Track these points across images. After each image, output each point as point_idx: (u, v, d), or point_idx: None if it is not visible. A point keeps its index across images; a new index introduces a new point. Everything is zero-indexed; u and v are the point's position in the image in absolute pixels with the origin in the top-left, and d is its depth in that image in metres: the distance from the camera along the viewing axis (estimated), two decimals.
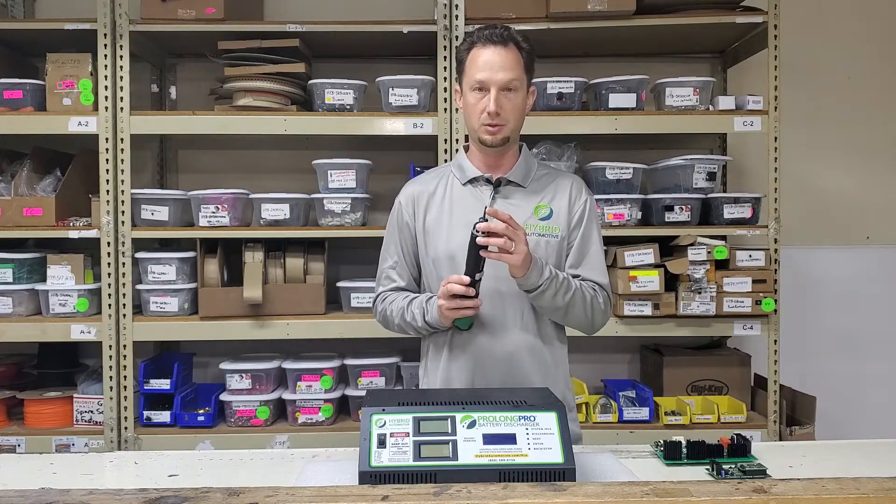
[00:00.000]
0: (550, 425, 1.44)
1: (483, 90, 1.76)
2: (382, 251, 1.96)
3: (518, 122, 1.83)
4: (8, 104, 2.89)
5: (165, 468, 1.64)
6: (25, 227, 2.86)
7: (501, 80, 1.75)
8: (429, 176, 1.97)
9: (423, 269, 1.90)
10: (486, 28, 1.80)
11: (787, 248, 3.09)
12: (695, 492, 1.14)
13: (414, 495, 1.16)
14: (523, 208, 1.84)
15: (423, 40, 2.94)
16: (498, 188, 1.85)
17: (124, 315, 2.86)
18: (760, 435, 2.85)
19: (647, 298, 2.83)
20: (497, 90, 1.75)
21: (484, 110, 1.76)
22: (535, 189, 1.87)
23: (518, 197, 1.86)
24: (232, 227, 2.89)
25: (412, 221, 1.90)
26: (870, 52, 3.41)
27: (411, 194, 1.92)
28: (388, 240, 1.95)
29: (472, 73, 1.77)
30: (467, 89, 1.80)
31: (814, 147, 3.40)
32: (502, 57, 1.76)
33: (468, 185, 1.87)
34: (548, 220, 1.84)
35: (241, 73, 2.89)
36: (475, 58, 1.77)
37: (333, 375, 2.92)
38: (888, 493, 1.14)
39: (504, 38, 1.77)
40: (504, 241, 1.64)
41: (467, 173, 1.88)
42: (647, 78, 2.95)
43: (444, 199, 1.87)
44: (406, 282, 1.92)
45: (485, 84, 1.76)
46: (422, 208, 1.89)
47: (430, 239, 1.86)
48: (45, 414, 2.92)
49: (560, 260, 1.85)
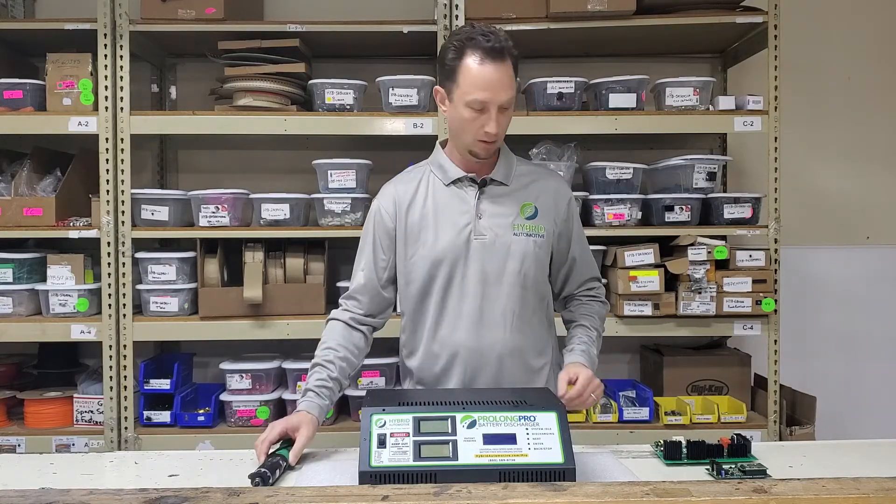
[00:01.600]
0: (550, 425, 1.44)
1: (482, 110, 1.70)
2: (357, 252, 1.92)
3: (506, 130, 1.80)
4: (8, 104, 2.89)
5: (165, 468, 1.64)
6: (25, 227, 2.86)
7: (503, 100, 1.69)
8: (408, 176, 1.91)
9: (403, 272, 1.86)
10: (479, 34, 1.68)
11: (787, 248, 3.09)
12: (695, 492, 1.14)
13: (414, 495, 1.16)
14: (509, 207, 1.83)
15: (423, 40, 2.94)
16: (483, 188, 1.83)
17: (124, 315, 2.86)
18: (760, 435, 2.85)
19: (647, 298, 2.83)
20: (497, 110, 1.70)
21: (482, 128, 1.71)
22: (519, 187, 1.86)
23: (503, 196, 1.84)
24: (232, 227, 2.89)
25: (391, 222, 1.85)
26: (870, 52, 3.41)
27: (392, 195, 1.87)
28: (363, 241, 1.91)
29: (470, 91, 1.68)
30: (460, 103, 1.71)
31: (814, 147, 3.40)
32: (502, 74, 1.68)
33: (451, 186, 1.84)
34: (533, 220, 1.84)
35: (241, 73, 2.88)
36: (471, 70, 1.68)
37: None
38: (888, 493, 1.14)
39: (502, 53, 1.68)
40: (589, 399, 1.69)
41: (450, 174, 1.84)
42: (647, 78, 2.95)
43: (426, 200, 1.83)
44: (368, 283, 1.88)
45: (485, 105, 1.69)
46: (403, 210, 1.84)
47: (413, 240, 1.83)
48: (45, 414, 2.91)
49: (545, 258, 1.86)
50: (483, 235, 1.80)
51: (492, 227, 1.81)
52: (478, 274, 1.80)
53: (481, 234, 1.80)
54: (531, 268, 1.82)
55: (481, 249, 1.80)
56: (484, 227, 1.80)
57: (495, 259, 1.80)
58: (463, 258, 1.80)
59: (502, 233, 1.81)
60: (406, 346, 1.93)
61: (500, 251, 1.80)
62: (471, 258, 1.80)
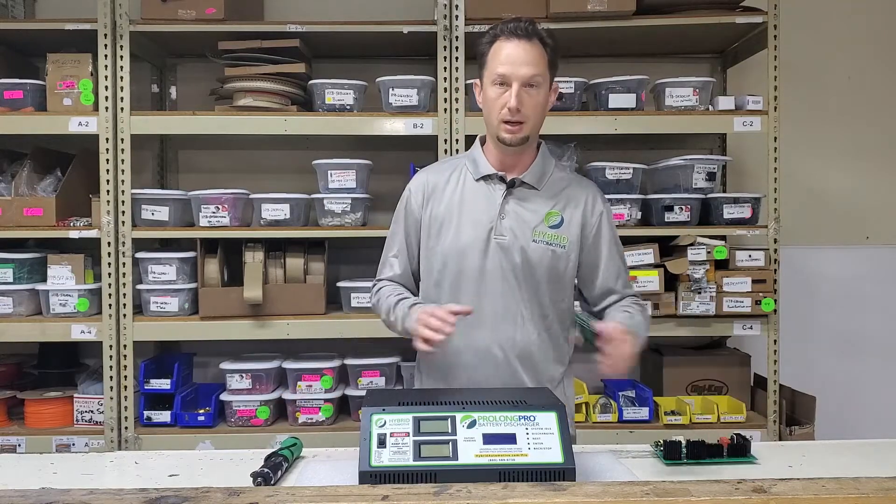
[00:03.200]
0: (550, 425, 1.44)
1: (504, 84, 1.72)
2: (388, 237, 1.94)
3: (538, 120, 1.78)
4: (8, 104, 2.89)
5: (165, 468, 1.64)
6: (26, 227, 2.86)
7: (524, 75, 1.71)
8: (443, 166, 1.94)
9: (423, 259, 1.87)
10: (510, 21, 1.75)
11: (787, 248, 3.09)
12: (695, 492, 1.15)
13: (414, 495, 1.16)
14: (535, 212, 1.81)
15: (423, 40, 2.94)
16: (511, 189, 1.82)
17: (124, 315, 2.86)
18: (760, 435, 2.85)
19: (646, 298, 2.83)
20: (519, 85, 1.71)
21: (504, 105, 1.72)
22: (549, 194, 1.83)
23: (531, 200, 1.82)
24: (232, 227, 2.89)
25: (419, 210, 1.87)
26: (870, 52, 3.41)
27: (422, 182, 1.89)
28: (395, 227, 1.93)
29: (494, 67, 1.73)
30: (488, 83, 1.75)
31: (814, 147, 3.40)
32: (526, 51, 1.71)
33: (481, 182, 1.84)
34: (557, 229, 1.81)
35: (241, 74, 2.89)
36: (497, 51, 1.73)
37: (333, 375, 2.92)
38: (888, 493, 1.14)
39: (528, 33, 1.72)
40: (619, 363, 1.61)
41: (481, 169, 1.84)
42: (647, 78, 2.95)
43: (455, 193, 1.84)
44: (404, 272, 1.90)
45: (507, 78, 1.71)
46: (431, 198, 1.86)
47: (436, 231, 1.83)
48: (46, 414, 2.92)
49: (562, 271, 1.82)
50: (503, 236, 1.79)
51: (512, 230, 1.79)
52: (493, 274, 1.78)
53: (501, 234, 1.79)
54: (544, 277, 1.79)
55: (499, 250, 1.79)
56: (505, 228, 1.79)
57: (511, 261, 1.78)
58: (481, 256, 1.79)
59: (521, 237, 1.79)
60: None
61: (516, 255, 1.78)
62: (489, 258, 1.79)
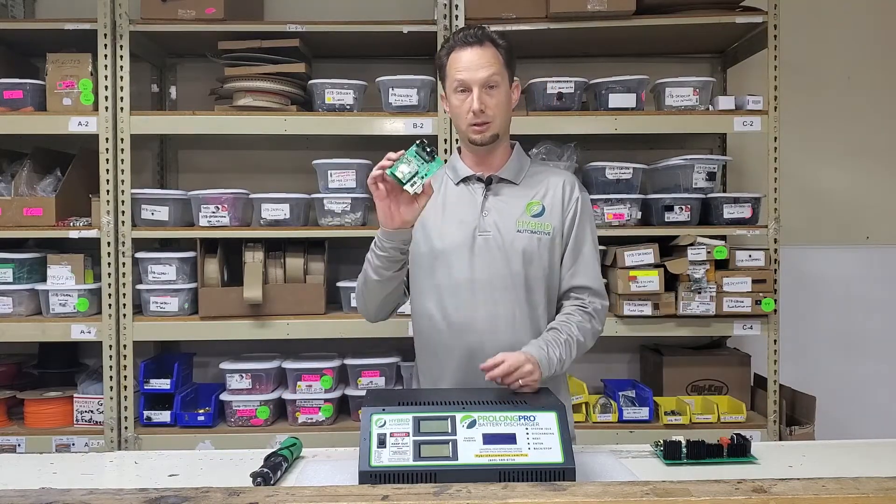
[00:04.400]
0: (550, 425, 1.44)
1: (465, 91, 1.79)
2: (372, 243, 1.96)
3: (505, 118, 1.83)
4: (8, 104, 2.89)
5: (165, 468, 1.64)
6: (25, 227, 2.86)
7: (482, 77, 1.77)
8: None
9: (410, 265, 1.88)
10: (460, 31, 1.83)
11: (787, 248, 3.09)
12: (695, 491, 1.15)
13: (414, 495, 1.16)
14: (515, 205, 1.85)
15: (423, 40, 2.94)
16: (490, 186, 1.87)
17: (124, 315, 2.86)
18: (760, 435, 2.85)
19: (646, 298, 2.83)
20: (479, 88, 1.77)
21: (469, 110, 1.78)
22: (528, 185, 1.88)
23: (510, 193, 1.87)
24: (232, 227, 2.89)
25: None
26: (870, 52, 3.41)
27: None
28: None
29: (453, 75, 1.80)
30: (451, 92, 1.83)
31: (814, 147, 3.40)
32: (479, 55, 1.78)
33: (461, 185, 1.89)
34: (539, 217, 1.84)
35: (241, 73, 2.89)
36: (454, 61, 1.81)
37: (333, 375, 2.92)
38: (888, 492, 1.14)
39: (479, 38, 1.80)
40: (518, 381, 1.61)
41: (459, 173, 1.90)
42: (647, 78, 2.95)
43: (437, 196, 1.87)
44: None
45: (466, 84, 1.78)
46: None
47: (421, 234, 1.86)
48: (46, 414, 2.91)
49: (553, 257, 1.85)
50: (487, 232, 1.82)
51: (496, 224, 1.82)
52: (481, 272, 1.80)
53: (485, 230, 1.82)
54: (534, 267, 1.82)
55: (485, 246, 1.81)
56: (489, 223, 1.83)
57: (499, 257, 1.81)
58: (468, 256, 1.81)
59: (506, 230, 1.82)
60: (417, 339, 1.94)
61: (503, 249, 1.81)
62: (476, 256, 1.81)
